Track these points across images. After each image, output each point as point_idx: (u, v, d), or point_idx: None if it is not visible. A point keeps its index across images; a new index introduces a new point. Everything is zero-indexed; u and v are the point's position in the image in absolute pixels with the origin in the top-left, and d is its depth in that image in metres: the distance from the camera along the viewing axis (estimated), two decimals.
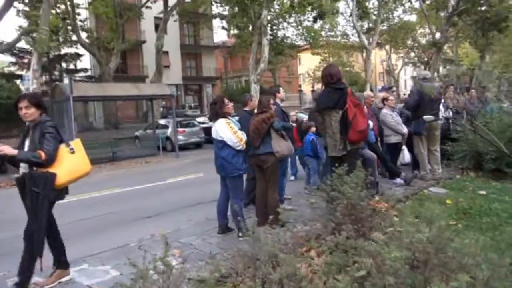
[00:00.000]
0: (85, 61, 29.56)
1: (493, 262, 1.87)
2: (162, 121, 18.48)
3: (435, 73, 30.41)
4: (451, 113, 7.48)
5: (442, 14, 28.02)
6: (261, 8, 17.96)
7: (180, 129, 16.38)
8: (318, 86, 40.98)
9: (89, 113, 27.89)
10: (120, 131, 21.96)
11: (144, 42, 32.99)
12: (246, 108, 5.50)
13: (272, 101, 4.87)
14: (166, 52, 31.58)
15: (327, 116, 4.54)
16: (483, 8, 24.17)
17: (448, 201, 4.72)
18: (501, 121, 6.43)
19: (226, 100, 4.55)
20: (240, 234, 4.48)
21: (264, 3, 17.07)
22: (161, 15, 24.11)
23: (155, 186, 8.81)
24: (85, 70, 29.49)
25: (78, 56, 28.18)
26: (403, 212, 4.49)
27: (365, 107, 6.04)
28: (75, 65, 29.86)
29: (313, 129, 6.53)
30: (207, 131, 18.16)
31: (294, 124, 6.59)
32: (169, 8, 22.49)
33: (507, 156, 5.76)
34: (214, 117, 4.53)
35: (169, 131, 16.82)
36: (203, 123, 19.67)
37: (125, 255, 4.20)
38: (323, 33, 38.04)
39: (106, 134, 20.54)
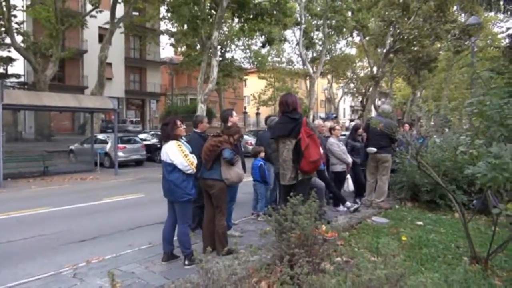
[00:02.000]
0: (18, 66, 27.59)
1: None
2: (100, 136, 17.66)
3: (372, 105, 32.37)
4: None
5: (380, 50, 30.16)
6: (212, 29, 18.05)
7: (121, 145, 15.79)
8: (264, 109, 41.75)
9: (18, 122, 25.85)
10: (53, 144, 20.59)
11: (86, 51, 31.76)
12: (197, 130, 5.38)
13: (236, 137, 4.75)
14: (110, 64, 30.61)
15: (281, 144, 4.57)
16: (416, 48, 26.36)
17: (404, 238, 4.89)
18: (435, 155, 6.90)
19: (178, 122, 4.39)
20: (186, 262, 4.30)
21: (216, 25, 17.17)
22: (106, 26, 23.37)
23: (91, 206, 8.25)
24: (17, 76, 27.47)
25: (10, 60, 26.21)
26: (350, 242, 4.60)
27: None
28: (6, 70, 27.74)
29: (262, 154, 6.54)
30: (149, 148, 17.66)
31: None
32: (116, 20, 21.84)
33: (440, 188, 6.17)
34: (165, 139, 4.36)
35: (108, 146, 16.11)
36: (145, 139, 19.12)
37: (58, 284, 3.86)
38: (269, 58, 39.16)
39: (37, 146, 19.12)
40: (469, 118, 3.88)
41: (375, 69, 31.67)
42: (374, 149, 6.74)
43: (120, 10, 23.13)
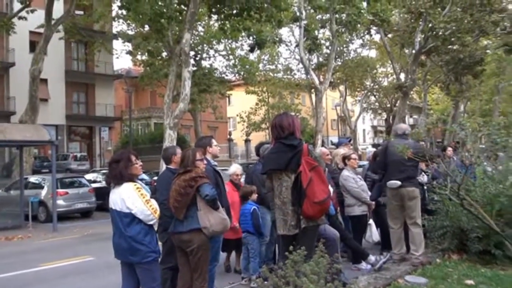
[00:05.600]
0: None
1: None
2: (33, 178, 17.62)
3: (401, 124, 32.72)
4: (425, 178, 8.02)
5: (407, 51, 30.84)
6: (182, 30, 18.41)
7: (61, 191, 15.77)
8: (256, 135, 42.02)
9: None
10: None
11: (13, 65, 32.03)
12: (171, 166, 5.49)
13: (199, 156, 4.90)
14: (45, 81, 30.81)
15: (276, 181, 4.63)
16: (455, 47, 26.98)
17: None
18: (486, 190, 6.99)
19: (133, 158, 4.49)
20: None
21: (187, 24, 17.52)
22: (40, 30, 23.63)
23: (21, 276, 8.14)
24: None
25: None
26: None
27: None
28: None
29: (255, 196, 6.60)
30: (100, 193, 17.59)
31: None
32: (53, 21, 22.20)
33: (495, 234, 6.23)
34: (116, 181, 4.43)
35: (43, 192, 16.07)
36: (95, 181, 19.07)
37: None
38: (261, 66, 39.72)
39: None
40: None
41: (402, 76, 32.26)
42: (398, 182, 6.76)
43: (59, 8, 23.54)
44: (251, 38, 25.58)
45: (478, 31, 26.09)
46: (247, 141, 42.15)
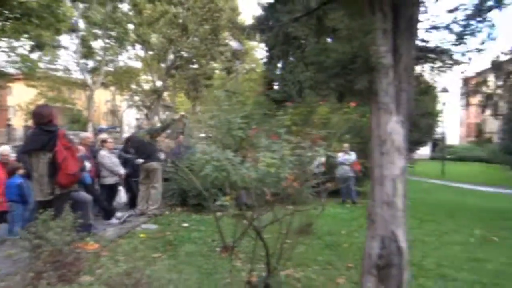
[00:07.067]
0: None
1: (174, 282, 2.31)
2: None
3: (156, 117, 33.16)
4: (162, 156, 8.37)
5: (163, 65, 31.26)
6: None
7: None
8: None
9: None
10: None
11: None
12: None
13: None
14: None
15: (35, 158, 4.29)
16: (194, 66, 28.54)
17: (142, 235, 5.34)
18: (200, 161, 7.70)
19: None
20: None
21: None
22: None
23: None
24: None
25: None
26: (116, 251, 4.70)
27: (83, 148, 6.07)
28: None
29: (21, 171, 5.91)
30: None
31: None
32: None
33: (204, 191, 6.95)
34: None
35: None
36: None
37: None
38: (42, 64, 34.82)
39: None
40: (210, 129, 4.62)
41: (159, 83, 32.49)
42: (141, 160, 7.04)
43: None
44: (31, 40, 22.18)
45: (209, 56, 28.09)
46: (26, 126, 36.59)
